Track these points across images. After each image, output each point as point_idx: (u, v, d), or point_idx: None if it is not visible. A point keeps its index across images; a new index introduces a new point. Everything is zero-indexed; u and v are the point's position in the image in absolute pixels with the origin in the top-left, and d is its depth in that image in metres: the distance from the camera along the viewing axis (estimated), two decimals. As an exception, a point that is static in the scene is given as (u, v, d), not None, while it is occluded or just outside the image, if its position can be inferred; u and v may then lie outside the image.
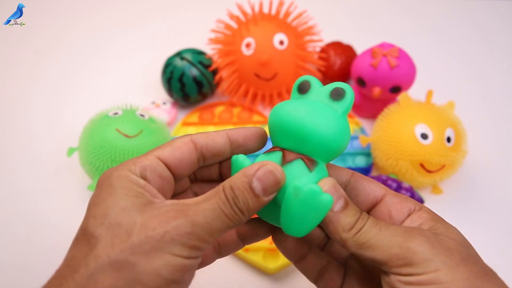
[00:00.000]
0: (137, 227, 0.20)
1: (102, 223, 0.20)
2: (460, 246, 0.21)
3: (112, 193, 0.21)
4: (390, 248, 0.20)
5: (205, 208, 0.21)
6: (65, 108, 0.58)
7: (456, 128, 0.45)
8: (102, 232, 0.20)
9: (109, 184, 0.22)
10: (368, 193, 0.25)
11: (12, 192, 0.48)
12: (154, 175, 0.23)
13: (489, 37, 0.70)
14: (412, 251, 0.20)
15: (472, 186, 0.50)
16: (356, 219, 0.22)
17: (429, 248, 0.20)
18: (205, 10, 0.70)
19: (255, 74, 0.53)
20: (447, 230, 0.22)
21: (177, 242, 0.20)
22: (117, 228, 0.20)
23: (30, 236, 0.45)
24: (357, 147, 0.52)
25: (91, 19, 0.71)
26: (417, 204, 0.23)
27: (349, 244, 0.22)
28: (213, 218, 0.21)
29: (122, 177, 0.22)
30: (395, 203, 0.24)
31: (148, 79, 0.60)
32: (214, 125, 0.55)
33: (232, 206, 0.21)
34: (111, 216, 0.20)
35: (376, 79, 0.50)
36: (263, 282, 0.41)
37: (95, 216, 0.21)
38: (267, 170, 0.22)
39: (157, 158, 0.23)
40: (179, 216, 0.20)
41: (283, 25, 0.53)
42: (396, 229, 0.21)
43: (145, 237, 0.19)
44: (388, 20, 0.73)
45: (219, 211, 0.21)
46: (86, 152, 0.43)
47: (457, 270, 0.19)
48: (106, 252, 0.19)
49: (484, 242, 0.45)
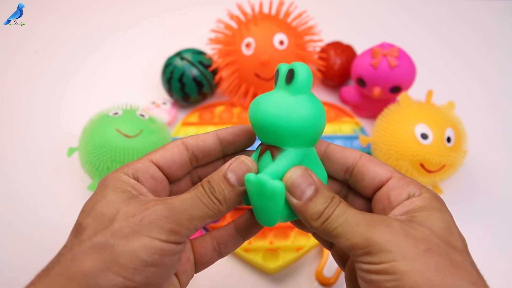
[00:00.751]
0: (119, 215, 0.21)
1: (89, 215, 0.22)
2: (432, 235, 0.20)
3: (102, 190, 0.23)
4: (353, 237, 0.20)
5: (183, 197, 0.22)
6: (65, 108, 0.58)
7: (456, 128, 0.45)
8: (89, 222, 0.21)
9: (102, 184, 0.23)
10: (373, 177, 0.24)
11: (12, 192, 0.48)
12: (147, 176, 0.24)
13: (489, 37, 0.70)
14: (371, 242, 0.20)
15: (472, 186, 0.50)
16: (325, 207, 0.22)
17: (389, 238, 0.20)
18: (205, 10, 0.70)
19: (255, 74, 0.53)
20: (427, 218, 0.21)
21: (155, 225, 0.21)
22: (101, 217, 0.21)
23: (30, 236, 0.45)
24: (357, 147, 0.52)
25: (91, 19, 0.71)
26: (419, 189, 0.23)
27: (320, 233, 0.22)
28: (191, 205, 0.22)
29: (114, 177, 0.23)
30: (396, 187, 0.23)
31: (148, 79, 0.60)
32: (214, 125, 0.55)
33: (209, 195, 0.23)
34: (97, 208, 0.22)
35: (376, 79, 0.50)
36: (263, 282, 0.41)
37: (84, 210, 0.22)
38: (239, 161, 0.24)
39: (150, 160, 0.25)
40: (158, 203, 0.21)
41: (283, 25, 0.53)
42: (362, 218, 0.21)
43: (126, 222, 0.21)
44: (388, 20, 0.73)
45: (197, 200, 0.22)
46: (86, 152, 0.43)
47: (416, 261, 0.19)
48: (88, 237, 0.20)
49: (484, 242, 0.45)
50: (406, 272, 0.19)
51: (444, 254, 0.20)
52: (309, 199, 0.22)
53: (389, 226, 0.20)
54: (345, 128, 0.54)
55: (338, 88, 0.59)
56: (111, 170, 0.43)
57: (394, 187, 0.24)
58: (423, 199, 0.23)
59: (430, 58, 0.65)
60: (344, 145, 0.50)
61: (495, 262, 0.43)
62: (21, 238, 0.44)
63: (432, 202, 0.22)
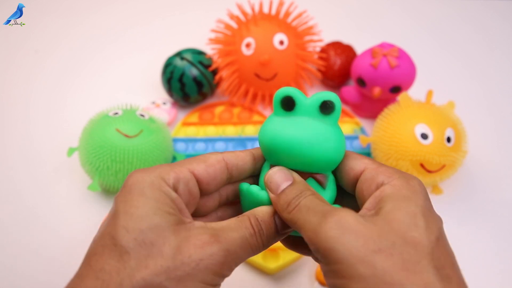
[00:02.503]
0: (171, 249, 0.19)
1: (135, 239, 0.20)
2: (390, 232, 0.18)
3: (145, 203, 0.21)
4: (307, 230, 0.20)
5: (234, 237, 0.21)
6: (65, 108, 0.58)
7: (456, 128, 0.45)
8: (136, 249, 0.19)
9: (141, 191, 0.21)
10: (348, 173, 0.24)
11: (12, 192, 0.48)
12: (185, 190, 0.23)
13: (489, 37, 0.70)
14: (318, 238, 0.19)
15: (472, 186, 0.50)
16: (293, 197, 0.22)
17: (336, 234, 0.19)
18: (205, 10, 0.70)
19: (255, 74, 0.53)
20: (391, 210, 0.20)
21: (210, 271, 0.20)
22: (151, 248, 0.19)
23: (30, 236, 0.45)
24: (357, 147, 0.52)
25: (91, 19, 0.71)
26: (389, 176, 0.22)
27: (288, 223, 0.22)
28: (240, 246, 0.21)
29: (155, 185, 0.21)
30: (368, 179, 0.22)
31: (148, 79, 0.60)
32: (214, 125, 0.55)
33: (258, 238, 0.22)
34: (144, 232, 0.20)
35: (376, 79, 0.49)
36: (263, 282, 0.41)
37: (127, 228, 0.20)
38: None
39: (192, 172, 0.23)
40: (212, 243, 0.20)
41: (283, 25, 0.53)
42: (318, 208, 0.21)
43: (181, 263, 0.19)
44: (388, 20, 0.72)
45: (246, 241, 0.22)
46: (86, 152, 0.43)
47: (362, 264, 0.17)
48: (140, 274, 0.19)
49: (484, 242, 0.45)
50: (352, 277, 0.18)
51: (397, 254, 0.18)
52: (282, 191, 0.22)
53: (339, 221, 0.19)
54: (345, 128, 0.54)
55: (338, 88, 0.59)
56: (111, 170, 0.43)
57: (366, 179, 0.23)
58: (393, 187, 0.21)
59: (430, 58, 0.65)
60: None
61: (495, 262, 0.43)
62: (21, 238, 0.44)
63: (401, 190, 0.21)
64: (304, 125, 0.23)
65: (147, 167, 0.48)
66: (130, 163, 0.43)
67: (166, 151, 0.46)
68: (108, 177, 0.43)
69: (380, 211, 0.20)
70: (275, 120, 0.24)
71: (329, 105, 0.23)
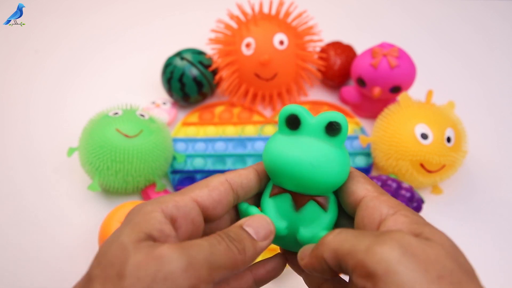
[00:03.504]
0: (129, 266, 0.18)
1: (99, 263, 0.19)
2: (445, 256, 0.17)
3: (124, 226, 0.20)
4: (358, 253, 0.18)
5: (200, 243, 0.20)
6: (65, 108, 0.58)
7: (456, 128, 0.45)
8: (98, 273, 0.19)
9: (129, 216, 0.21)
10: (349, 196, 0.23)
11: (12, 192, 0.48)
12: (187, 220, 0.22)
13: (489, 37, 0.70)
14: (373, 259, 0.17)
15: (472, 186, 0.50)
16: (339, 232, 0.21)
17: (398, 256, 0.17)
18: (205, 10, 0.70)
19: (255, 74, 0.53)
20: (434, 233, 0.19)
21: (171, 283, 0.18)
22: (110, 269, 0.18)
23: (30, 236, 0.45)
24: (357, 147, 0.52)
25: (91, 19, 0.71)
26: (392, 207, 0.21)
27: (316, 261, 0.21)
28: (210, 252, 0.19)
29: (147, 212, 0.20)
30: (369, 208, 0.22)
31: (148, 79, 0.60)
32: (214, 125, 0.55)
33: (228, 243, 0.21)
34: (107, 253, 0.19)
35: (376, 79, 0.49)
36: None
37: (99, 254, 0.19)
38: (258, 217, 0.23)
39: (195, 201, 0.22)
40: (173, 251, 0.18)
41: (283, 25, 0.53)
42: (358, 233, 0.20)
43: (137, 279, 0.18)
44: (388, 20, 0.72)
45: (216, 246, 0.20)
46: (86, 152, 0.43)
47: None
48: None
49: (484, 242, 0.45)
50: None
51: (457, 283, 0.17)
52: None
53: (399, 240, 0.18)
54: (345, 128, 0.54)
55: (338, 88, 0.59)
56: (111, 170, 0.43)
57: (367, 208, 0.22)
58: (406, 216, 0.20)
59: (430, 58, 0.65)
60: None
61: (495, 262, 0.43)
62: (21, 238, 0.44)
63: (416, 219, 0.20)
64: (307, 146, 0.23)
65: (147, 167, 0.48)
66: (130, 163, 0.43)
67: (166, 151, 0.46)
68: (108, 177, 0.43)
69: (420, 234, 0.19)
70: (279, 139, 0.24)
71: (335, 126, 0.23)
